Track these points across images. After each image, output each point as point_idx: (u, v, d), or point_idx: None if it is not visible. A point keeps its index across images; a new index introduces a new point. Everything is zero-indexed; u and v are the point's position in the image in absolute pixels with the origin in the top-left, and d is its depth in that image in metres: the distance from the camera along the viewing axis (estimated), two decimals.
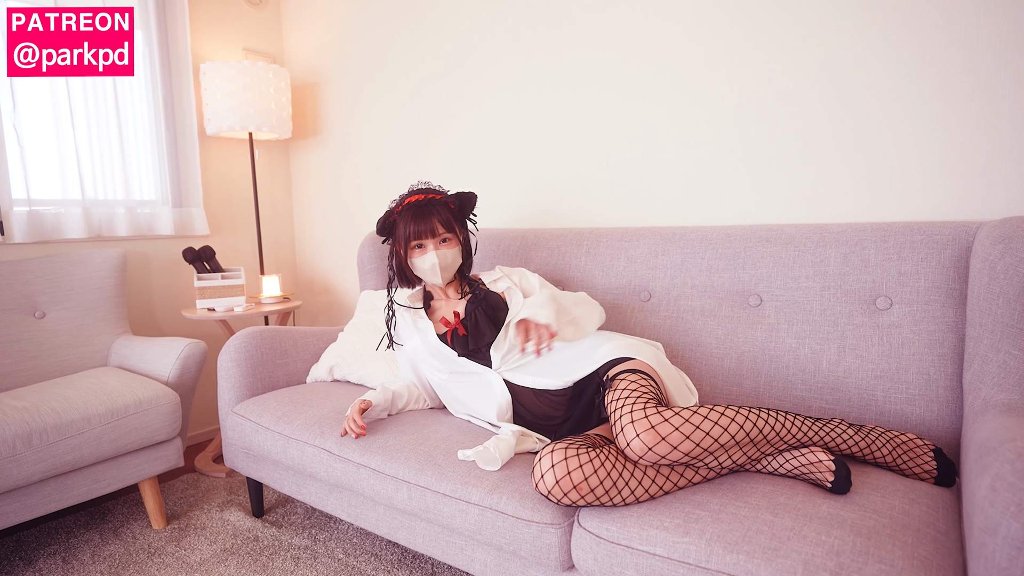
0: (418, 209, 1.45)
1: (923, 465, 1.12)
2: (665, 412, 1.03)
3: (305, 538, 1.72)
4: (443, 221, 1.46)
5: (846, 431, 1.14)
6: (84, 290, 2.01)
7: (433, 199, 1.48)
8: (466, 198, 1.54)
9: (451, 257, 1.48)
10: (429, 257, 1.45)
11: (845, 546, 0.86)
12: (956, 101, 1.38)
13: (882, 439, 1.15)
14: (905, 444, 1.14)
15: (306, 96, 2.71)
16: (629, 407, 1.07)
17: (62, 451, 1.51)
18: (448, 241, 1.48)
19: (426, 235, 1.44)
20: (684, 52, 1.73)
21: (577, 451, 1.03)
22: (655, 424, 1.01)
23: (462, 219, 1.53)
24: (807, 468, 1.05)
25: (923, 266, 1.29)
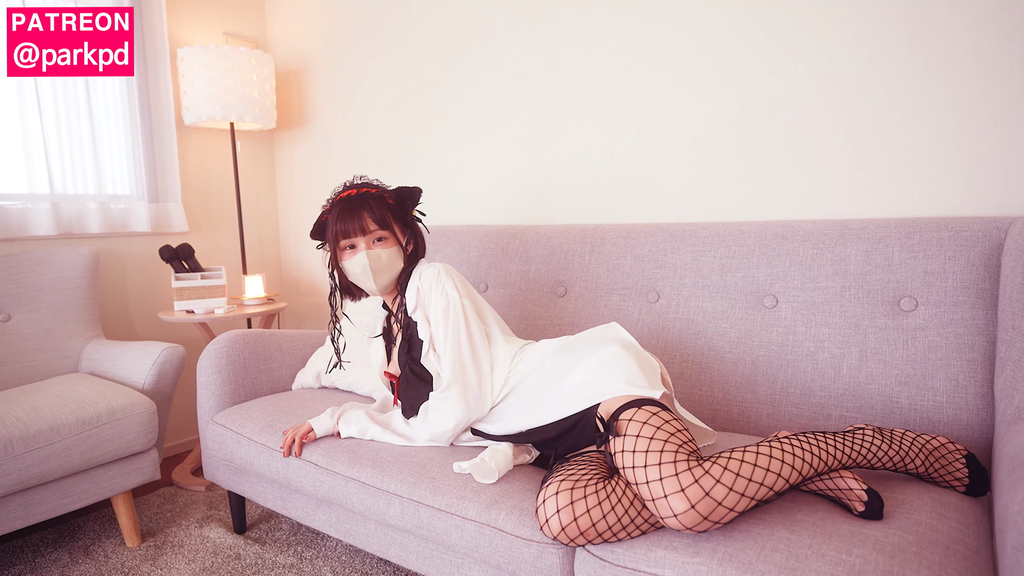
0: (348, 205, 1.38)
1: (955, 473, 1.09)
2: (706, 465, 0.93)
3: (291, 556, 1.71)
4: (376, 217, 1.37)
5: (880, 446, 1.08)
6: (53, 291, 2.00)
7: (367, 193, 1.40)
8: (407, 192, 1.44)
9: (386, 258, 1.38)
10: (359, 259, 1.37)
11: (867, 565, 0.85)
12: (987, 88, 1.37)
13: (915, 448, 1.10)
14: (937, 451, 1.10)
15: (291, 84, 2.71)
16: (656, 469, 0.94)
17: (28, 464, 1.50)
18: (384, 240, 1.39)
19: (356, 233, 1.36)
20: (693, 41, 1.72)
21: (584, 491, 0.99)
22: (709, 489, 0.90)
23: (403, 216, 1.44)
24: (837, 494, 1.02)
25: (951, 264, 1.28)
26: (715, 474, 0.92)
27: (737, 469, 0.93)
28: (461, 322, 1.34)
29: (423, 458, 1.32)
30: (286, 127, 2.76)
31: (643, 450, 0.97)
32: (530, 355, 1.37)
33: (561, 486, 1.01)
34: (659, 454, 0.96)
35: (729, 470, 0.93)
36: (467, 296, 1.38)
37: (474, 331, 1.35)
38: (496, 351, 1.38)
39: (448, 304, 1.34)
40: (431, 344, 1.37)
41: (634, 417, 1.04)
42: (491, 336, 1.41)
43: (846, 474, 1.01)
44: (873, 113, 1.50)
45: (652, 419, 1.03)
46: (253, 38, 2.71)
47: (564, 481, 1.02)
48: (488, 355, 1.37)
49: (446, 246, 2.07)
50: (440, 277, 1.37)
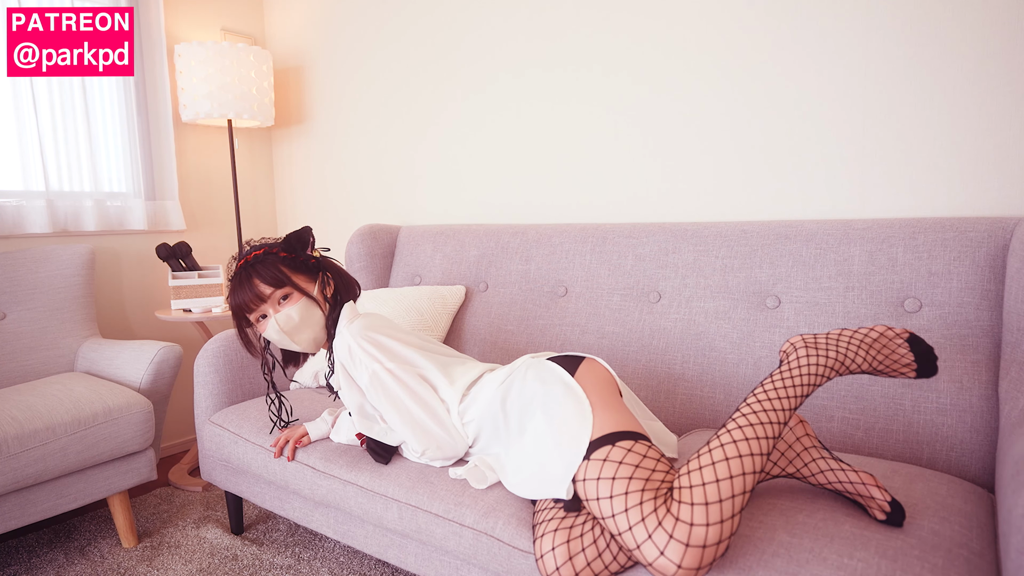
0: (238, 279, 1.32)
1: (901, 359, 1.05)
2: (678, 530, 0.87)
3: (288, 557, 1.72)
4: (269, 278, 1.30)
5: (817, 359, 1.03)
6: (49, 289, 2.00)
7: (255, 258, 1.32)
8: (295, 238, 1.36)
9: (298, 315, 1.31)
10: (272, 325, 1.31)
11: (869, 569, 0.85)
12: (992, 88, 1.37)
13: (852, 346, 1.05)
14: (878, 342, 1.06)
15: (289, 81, 2.70)
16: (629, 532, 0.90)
17: (24, 463, 1.50)
18: (288, 298, 1.31)
19: (253, 304, 1.30)
20: (700, 39, 1.72)
21: (582, 542, 0.97)
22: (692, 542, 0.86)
23: (302, 265, 1.35)
24: (858, 498, 1.00)
25: (955, 265, 1.28)
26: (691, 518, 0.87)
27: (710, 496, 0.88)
28: (395, 390, 1.28)
29: (421, 463, 1.31)
30: (284, 124, 2.76)
31: (609, 515, 0.93)
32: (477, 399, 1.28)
33: (556, 539, 0.99)
34: (625, 514, 0.91)
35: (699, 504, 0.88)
36: (390, 357, 1.30)
37: (414, 389, 1.29)
38: (444, 395, 1.31)
39: (373, 376, 1.28)
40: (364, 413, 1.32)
41: (587, 475, 0.99)
42: (435, 381, 1.32)
43: (868, 480, 0.98)
44: (877, 113, 1.50)
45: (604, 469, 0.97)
46: (251, 34, 2.71)
47: (558, 532, 0.99)
48: (439, 401, 1.30)
49: (445, 245, 2.07)
50: (353, 351, 1.30)
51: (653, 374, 1.57)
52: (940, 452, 1.25)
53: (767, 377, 1.05)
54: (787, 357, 1.07)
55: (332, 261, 1.42)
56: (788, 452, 1.08)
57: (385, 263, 2.20)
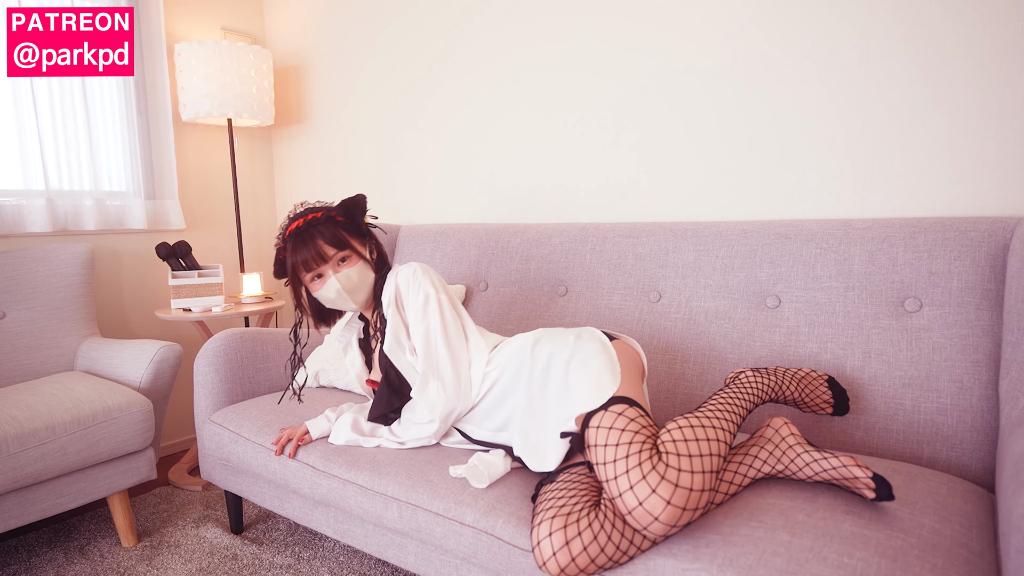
0: (299, 237, 1.38)
1: (822, 396, 1.27)
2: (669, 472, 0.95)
3: (288, 556, 1.72)
4: (331, 240, 1.37)
5: (760, 381, 1.24)
6: (48, 288, 2.00)
7: (314, 219, 1.39)
8: (352, 204, 1.43)
9: (356, 276, 1.39)
10: (331, 284, 1.38)
11: (869, 569, 0.86)
12: (993, 87, 1.37)
13: (787, 378, 1.28)
14: (805, 378, 1.29)
15: (289, 80, 2.71)
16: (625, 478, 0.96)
17: (24, 463, 1.50)
18: (347, 260, 1.39)
19: (317, 263, 1.36)
20: (697, 40, 1.72)
21: (578, 526, 0.98)
22: (669, 499, 0.92)
23: (356, 229, 1.44)
24: (846, 482, 1.03)
25: (956, 265, 1.28)
26: (679, 481, 0.94)
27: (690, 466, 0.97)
28: (437, 317, 1.35)
29: (421, 461, 1.32)
30: (284, 123, 2.76)
31: (610, 460, 1.00)
32: (505, 348, 1.36)
33: (554, 525, 0.99)
34: (624, 461, 0.98)
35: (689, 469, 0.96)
36: (444, 292, 1.39)
37: (450, 326, 1.35)
38: (473, 347, 1.38)
39: (426, 299, 1.35)
40: (398, 339, 1.37)
41: (601, 423, 1.07)
42: (467, 332, 1.40)
43: (848, 461, 1.01)
44: (878, 112, 1.50)
45: (617, 423, 1.05)
46: (251, 33, 2.71)
47: (556, 519, 1.00)
48: (466, 351, 1.37)
49: (445, 244, 2.08)
50: (417, 274, 1.37)
51: (653, 373, 1.57)
52: (940, 452, 1.25)
53: (716, 393, 1.19)
54: (734, 380, 1.25)
55: (376, 229, 1.50)
56: (775, 451, 1.10)
57: None
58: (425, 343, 1.34)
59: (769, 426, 1.15)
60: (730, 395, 1.16)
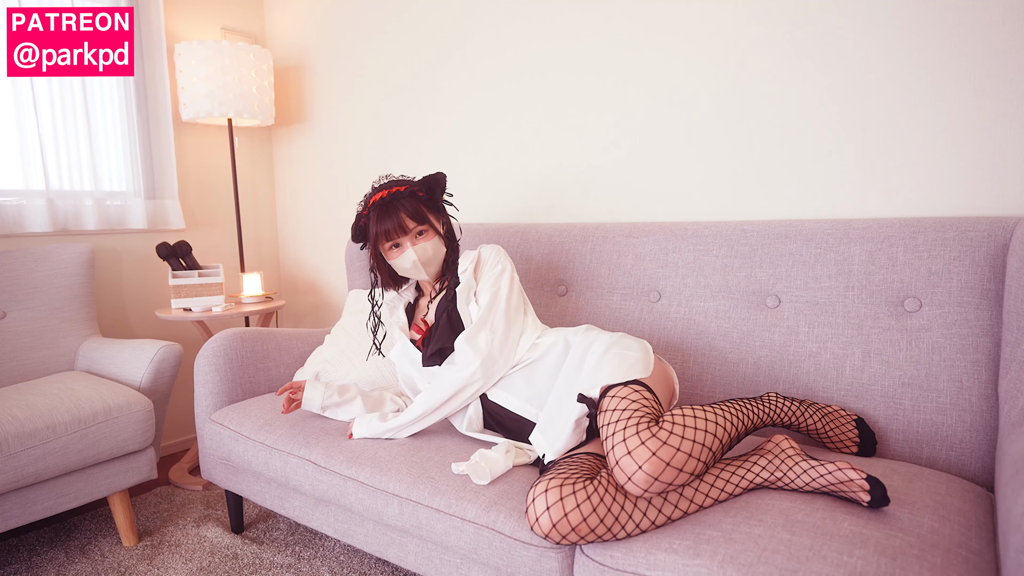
0: (383, 208, 1.46)
1: (847, 434, 1.27)
2: (660, 433, 1.02)
3: (288, 556, 1.72)
4: (412, 214, 1.45)
5: (784, 404, 1.27)
6: (49, 288, 2.01)
7: (397, 192, 1.47)
8: (434, 181, 1.51)
9: (431, 249, 1.48)
10: (407, 255, 1.47)
11: (869, 567, 0.86)
12: (993, 87, 1.37)
13: (811, 409, 1.29)
14: (832, 414, 1.29)
15: (290, 80, 2.71)
16: (621, 433, 1.04)
17: (24, 462, 1.51)
18: (424, 233, 1.48)
19: (397, 233, 1.45)
20: (697, 41, 1.72)
21: (573, 487, 1.01)
22: (655, 450, 0.99)
23: (435, 205, 1.52)
24: (839, 487, 1.03)
25: (956, 265, 1.28)
26: (663, 437, 1.01)
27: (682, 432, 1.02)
28: (507, 287, 1.46)
29: (422, 458, 1.32)
30: (284, 123, 2.76)
31: (613, 422, 1.07)
32: (555, 331, 1.47)
33: (550, 484, 1.02)
34: (624, 426, 1.05)
35: (674, 433, 1.02)
36: (515, 274, 1.51)
37: (515, 297, 1.46)
38: (529, 321, 1.50)
39: (502, 271, 1.47)
40: (470, 296, 1.47)
41: (616, 395, 1.14)
42: (527, 310, 1.52)
43: (843, 465, 1.02)
44: (878, 112, 1.50)
45: (630, 396, 1.13)
46: (251, 33, 2.72)
47: (553, 479, 1.03)
48: (520, 322, 1.47)
49: None
50: (501, 252, 1.52)
51: None
52: (939, 451, 1.25)
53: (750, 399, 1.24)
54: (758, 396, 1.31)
55: (452, 212, 1.59)
56: (774, 460, 1.11)
57: None
58: (490, 302, 1.43)
59: (771, 440, 1.16)
60: (748, 403, 1.21)
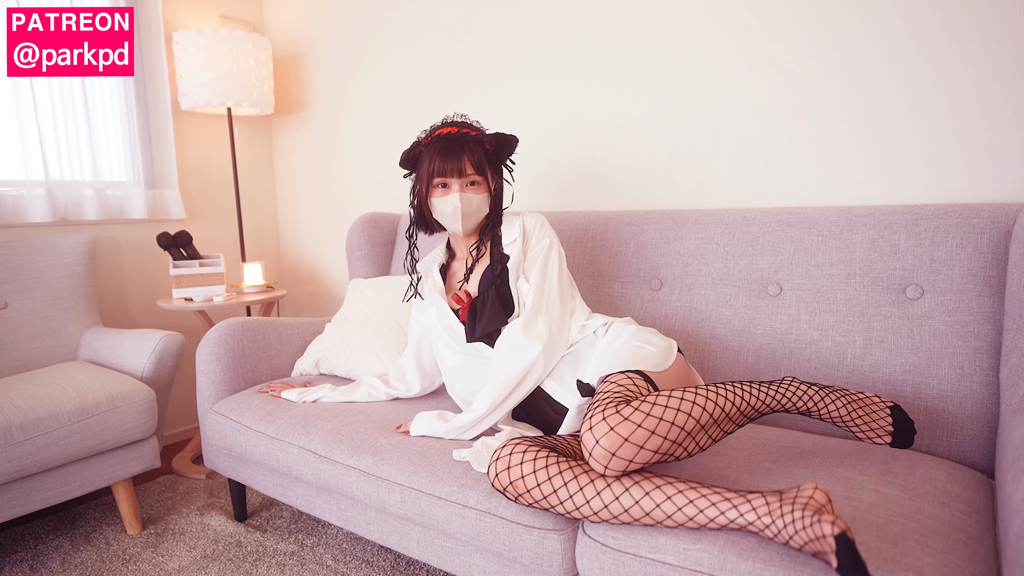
0: (448, 143, 1.38)
1: (879, 422, 1.11)
2: (624, 410, 0.98)
3: (291, 543, 1.73)
4: (474, 161, 1.39)
5: (800, 387, 1.12)
6: (50, 278, 2.01)
7: (467, 135, 1.40)
8: (505, 140, 1.45)
9: (476, 203, 1.41)
10: (451, 200, 1.39)
11: (870, 552, 0.86)
12: (996, 73, 1.36)
13: (835, 394, 1.12)
14: (862, 401, 1.13)
15: (289, 68, 2.69)
16: (591, 413, 1.01)
17: (28, 451, 1.51)
18: (476, 185, 1.41)
19: (452, 174, 1.38)
20: (695, 31, 1.71)
21: (525, 449, 1.04)
22: (614, 425, 0.96)
23: (497, 163, 1.46)
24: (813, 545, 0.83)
25: (958, 252, 1.28)
26: (625, 413, 0.98)
27: (648, 410, 0.98)
28: (556, 264, 1.42)
29: (423, 446, 1.32)
30: (284, 112, 2.75)
31: (592, 406, 1.05)
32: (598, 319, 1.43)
33: (514, 443, 1.07)
34: (597, 406, 1.02)
35: (639, 410, 0.98)
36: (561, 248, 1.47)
37: (564, 275, 1.43)
38: (578, 300, 1.47)
39: (550, 245, 1.43)
40: (519, 273, 1.41)
41: (607, 381, 1.13)
42: (573, 292, 1.48)
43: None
44: (881, 99, 1.49)
45: (619, 382, 1.10)
46: (250, 21, 2.70)
47: (519, 441, 1.08)
48: (571, 302, 1.44)
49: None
50: (545, 223, 1.46)
51: None
52: (940, 438, 1.25)
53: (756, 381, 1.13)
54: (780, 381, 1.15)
55: (508, 178, 1.52)
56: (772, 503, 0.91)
57: (386, 251, 2.21)
58: (541, 282, 1.39)
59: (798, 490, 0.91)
60: (754, 386, 1.10)
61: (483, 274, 1.45)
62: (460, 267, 1.53)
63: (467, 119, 1.46)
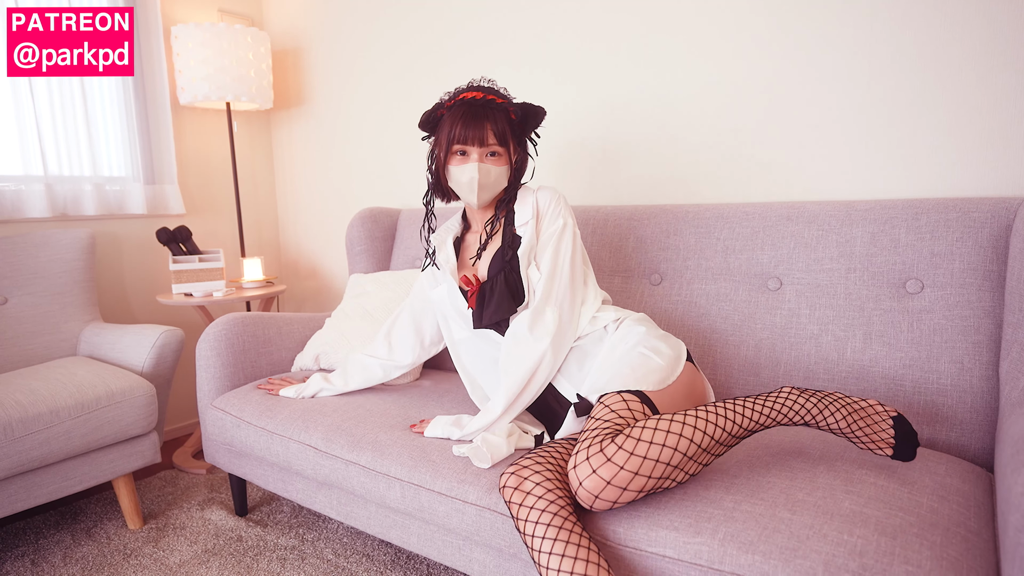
0: (471, 109, 1.31)
1: (880, 434, 1.05)
2: (608, 448, 0.97)
3: (292, 538, 1.73)
4: (498, 131, 1.32)
5: (798, 400, 1.06)
6: (49, 274, 2.00)
7: (492, 102, 1.33)
8: (532, 111, 1.37)
9: (495, 176, 1.35)
10: (469, 169, 1.33)
11: (869, 546, 0.86)
12: (997, 67, 1.35)
13: (836, 404, 1.06)
14: (863, 410, 1.06)
15: (288, 62, 2.68)
16: (577, 448, 1.01)
17: (29, 446, 1.51)
18: (497, 156, 1.34)
19: (473, 142, 1.31)
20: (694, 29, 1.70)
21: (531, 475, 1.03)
22: (596, 468, 0.96)
23: (521, 135, 1.39)
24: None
25: (958, 246, 1.28)
26: (608, 453, 0.96)
27: (632, 448, 0.96)
28: (569, 248, 1.34)
29: (423, 441, 1.32)
30: (283, 107, 2.74)
31: (580, 440, 1.03)
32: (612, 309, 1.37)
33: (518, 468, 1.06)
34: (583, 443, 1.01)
35: (623, 448, 0.96)
36: (577, 227, 1.39)
37: (577, 260, 1.37)
38: (590, 287, 1.40)
39: (564, 227, 1.35)
40: (530, 259, 1.35)
41: (600, 405, 1.10)
42: (587, 275, 1.41)
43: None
44: (880, 92, 1.49)
45: (611, 408, 1.07)
46: (248, 15, 2.68)
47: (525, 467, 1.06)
48: (582, 290, 1.37)
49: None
50: (560, 200, 1.38)
51: None
52: (940, 432, 1.25)
53: (749, 396, 1.09)
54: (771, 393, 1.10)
55: (532, 152, 1.45)
56: None
57: (386, 246, 2.20)
58: (552, 269, 1.33)
59: None
60: (751, 403, 1.06)
61: (494, 256, 1.39)
62: (474, 241, 1.47)
63: (494, 84, 1.38)
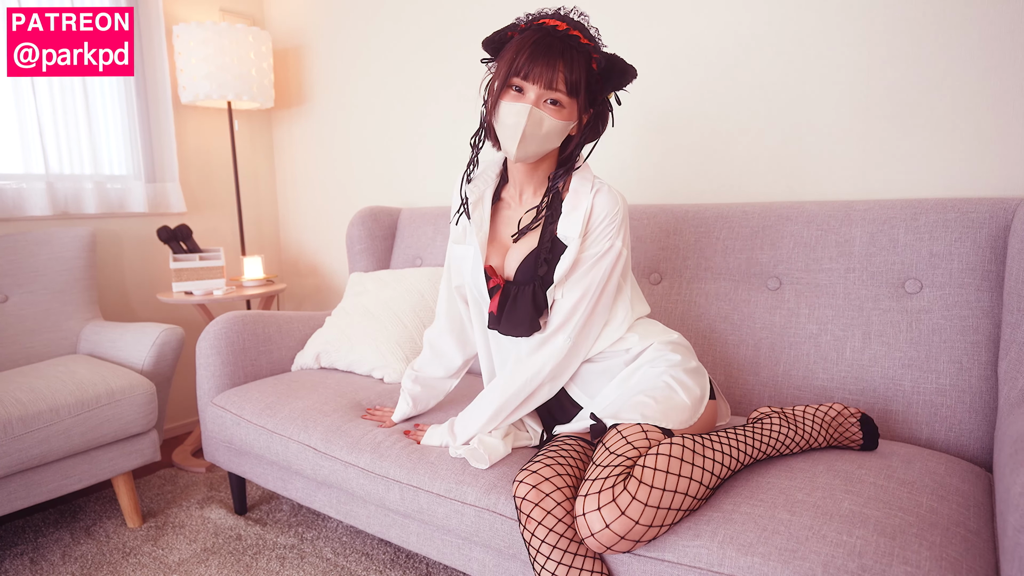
0: (547, 39, 1.07)
1: (851, 436, 1.17)
2: (622, 499, 0.92)
3: (291, 536, 1.73)
4: (570, 77, 1.08)
5: (786, 432, 1.12)
6: (50, 272, 2.00)
7: (576, 39, 1.09)
8: (619, 68, 1.13)
9: (547, 128, 1.11)
10: (518, 110, 1.09)
11: (868, 547, 0.86)
12: (995, 67, 1.35)
13: (815, 425, 1.15)
14: (835, 420, 1.18)
15: (289, 61, 2.67)
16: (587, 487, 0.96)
17: (28, 444, 1.51)
18: (558, 107, 1.10)
19: (537, 80, 1.07)
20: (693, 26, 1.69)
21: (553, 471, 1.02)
22: (610, 522, 0.92)
23: (594, 92, 1.14)
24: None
25: (957, 246, 1.27)
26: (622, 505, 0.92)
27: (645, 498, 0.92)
28: (604, 276, 1.17)
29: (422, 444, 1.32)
30: (284, 106, 2.73)
31: (590, 479, 0.97)
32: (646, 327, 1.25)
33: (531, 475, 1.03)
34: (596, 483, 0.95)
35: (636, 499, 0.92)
36: (626, 248, 1.20)
37: (609, 289, 1.19)
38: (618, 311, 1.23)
39: (607, 251, 1.16)
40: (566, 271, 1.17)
41: (612, 437, 1.04)
42: (621, 294, 1.23)
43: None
44: (880, 92, 1.48)
45: (624, 442, 1.01)
46: (249, 14, 2.68)
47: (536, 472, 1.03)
48: (607, 314, 1.22)
49: (446, 227, 2.06)
50: (616, 217, 1.17)
51: None
52: (939, 432, 1.25)
53: (743, 427, 1.10)
54: (761, 422, 1.14)
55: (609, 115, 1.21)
56: None
57: (386, 245, 2.20)
58: (578, 299, 1.17)
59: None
60: (745, 438, 1.06)
61: (527, 257, 1.20)
62: (513, 213, 1.26)
63: (586, 20, 1.13)
